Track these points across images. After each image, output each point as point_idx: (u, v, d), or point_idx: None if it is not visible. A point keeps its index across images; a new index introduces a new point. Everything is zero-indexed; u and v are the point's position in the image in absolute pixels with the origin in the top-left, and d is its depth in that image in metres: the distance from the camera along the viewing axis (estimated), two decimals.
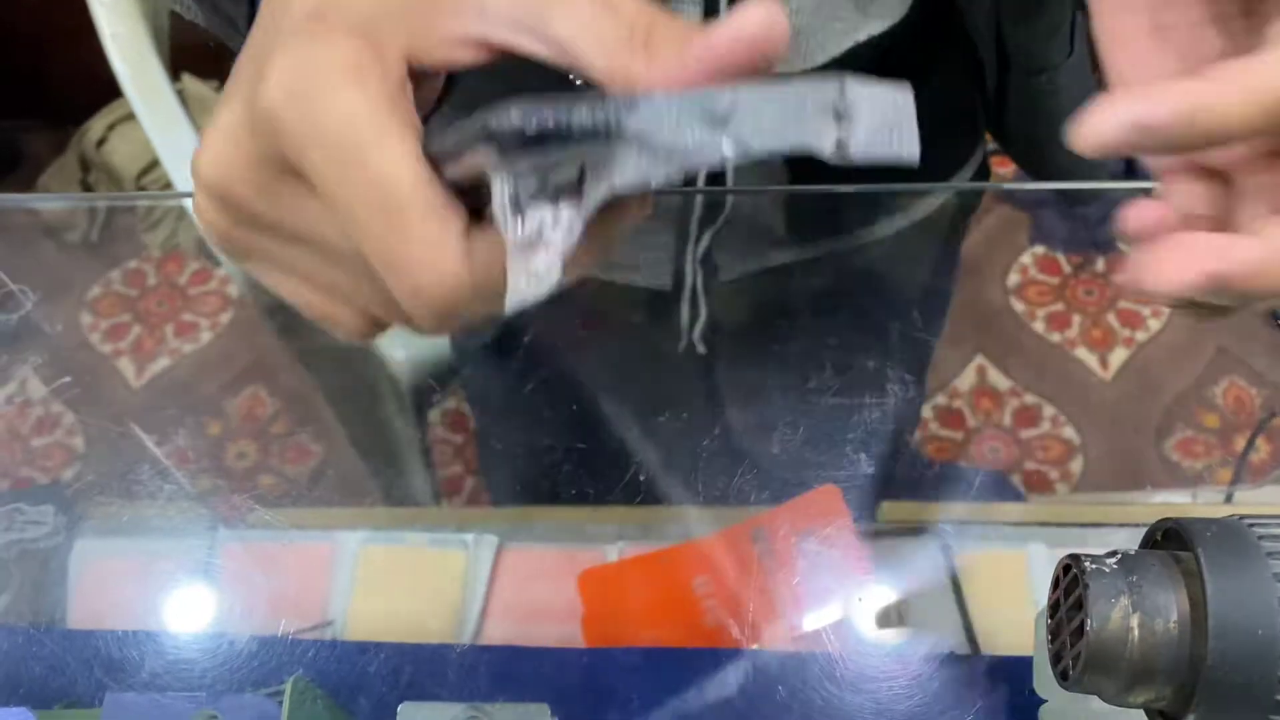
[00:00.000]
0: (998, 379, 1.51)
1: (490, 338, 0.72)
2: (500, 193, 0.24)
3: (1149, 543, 0.29)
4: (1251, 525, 0.26)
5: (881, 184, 0.63)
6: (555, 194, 0.24)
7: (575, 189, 0.24)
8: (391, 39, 0.25)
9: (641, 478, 0.63)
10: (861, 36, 0.53)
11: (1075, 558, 0.27)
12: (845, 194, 0.61)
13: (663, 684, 0.52)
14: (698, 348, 0.69)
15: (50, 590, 0.59)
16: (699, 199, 0.60)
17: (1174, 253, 0.27)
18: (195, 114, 1.06)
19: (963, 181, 0.68)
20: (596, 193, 0.24)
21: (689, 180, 0.59)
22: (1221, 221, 0.30)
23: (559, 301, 0.69)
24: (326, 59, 0.24)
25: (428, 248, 0.24)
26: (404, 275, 0.24)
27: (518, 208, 0.24)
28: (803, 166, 0.59)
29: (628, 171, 0.23)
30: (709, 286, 0.65)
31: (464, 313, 0.25)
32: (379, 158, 0.23)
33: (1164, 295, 0.27)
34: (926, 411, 1.45)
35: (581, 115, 0.22)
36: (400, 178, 0.24)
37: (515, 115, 0.22)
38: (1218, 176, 0.31)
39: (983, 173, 0.70)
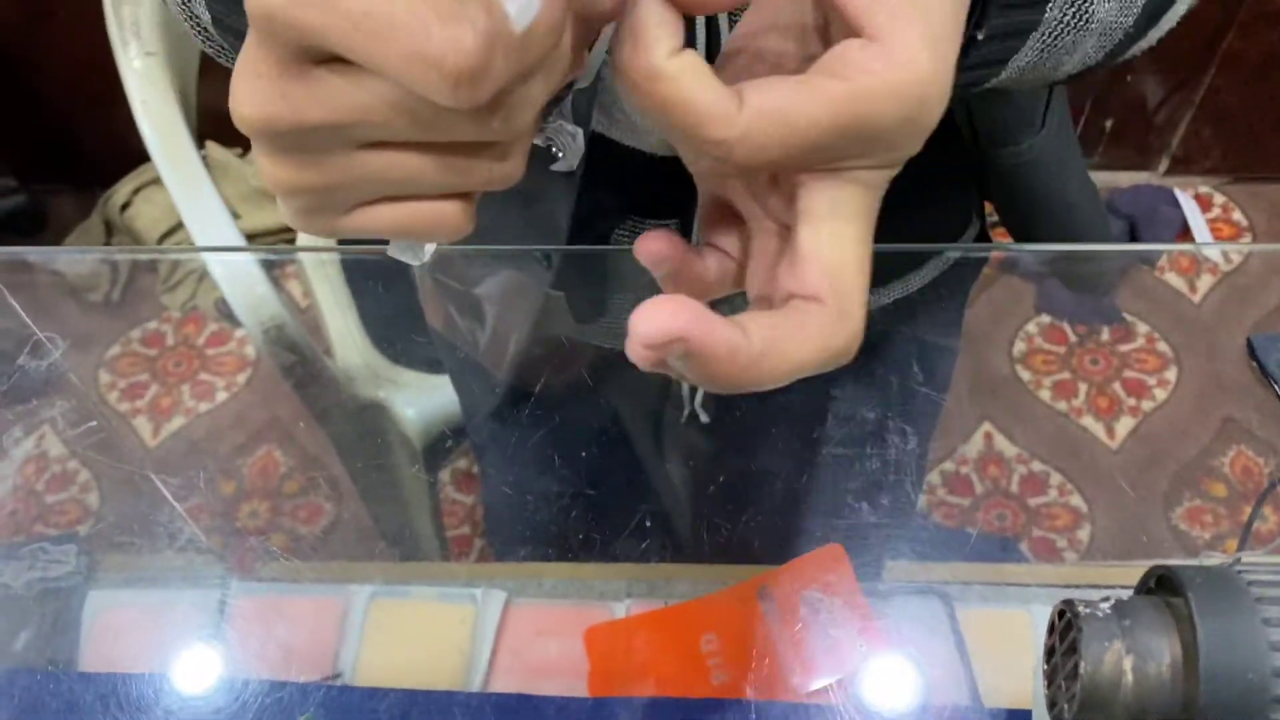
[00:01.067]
0: (1005, 446, 1.51)
1: (499, 401, 0.73)
2: None
3: (1142, 589, 0.30)
4: (1241, 572, 0.27)
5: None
6: None
7: None
8: None
9: (648, 536, 0.63)
10: None
11: (1070, 602, 0.28)
12: None
13: None
14: (700, 416, 0.69)
15: (66, 632, 0.60)
16: None
17: (664, 306, 0.27)
18: (218, 179, 1.09)
19: (958, 253, 0.69)
20: None
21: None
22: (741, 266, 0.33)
23: (566, 367, 0.70)
24: None
25: (435, 21, 0.24)
26: (423, 61, 0.24)
27: None
28: None
29: None
30: None
31: (500, 71, 0.25)
32: None
33: (636, 343, 0.28)
34: (934, 477, 1.45)
35: None
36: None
37: None
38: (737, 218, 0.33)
39: (982, 238, 0.72)
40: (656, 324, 0.27)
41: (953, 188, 0.67)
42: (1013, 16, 0.36)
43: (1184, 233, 1.71)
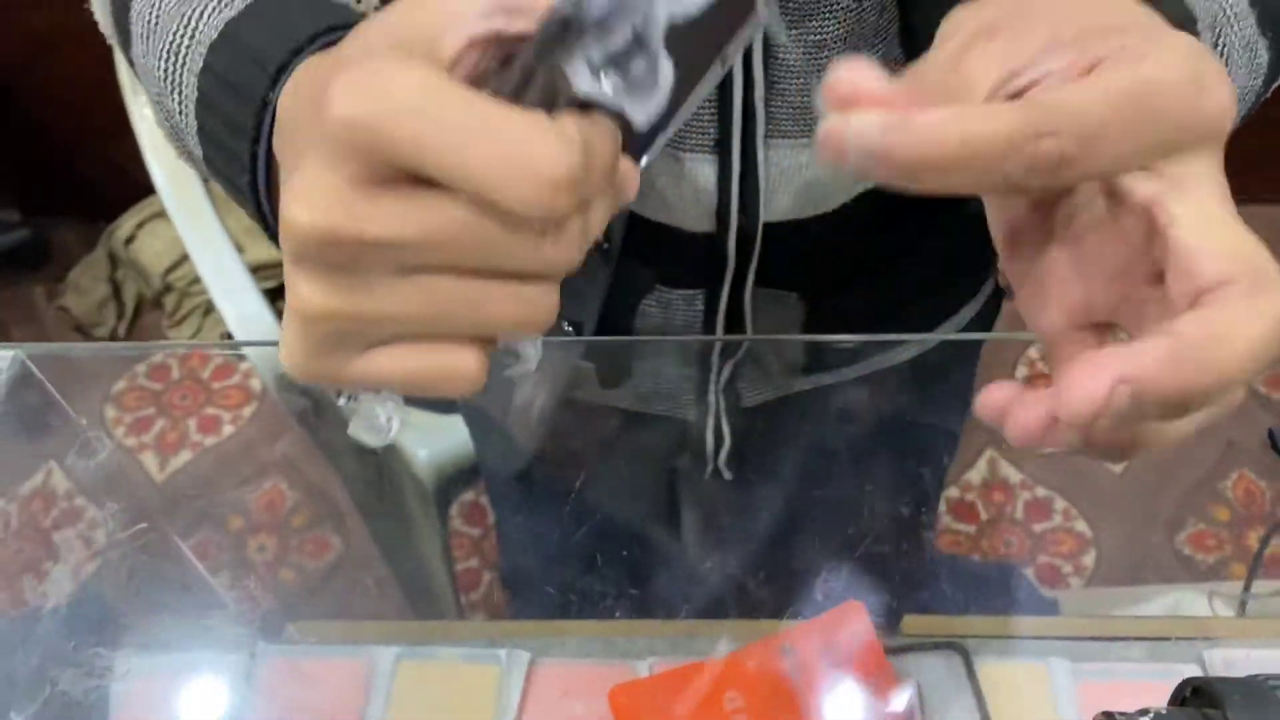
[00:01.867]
0: (1009, 472, 1.52)
1: (521, 461, 0.74)
2: (578, 71, 0.26)
3: (1177, 700, 0.30)
4: (1275, 687, 0.28)
5: (893, 333, 0.65)
6: (618, 58, 0.26)
7: (632, 52, 0.26)
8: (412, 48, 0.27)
9: (670, 594, 0.64)
10: (872, 183, 0.56)
11: (1109, 715, 0.29)
12: (860, 339, 0.64)
13: None
14: (724, 474, 0.70)
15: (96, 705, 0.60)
16: (717, 343, 0.63)
17: (1084, 368, 0.26)
18: (221, 213, 1.10)
19: (974, 310, 0.70)
20: (657, 28, 0.26)
21: (708, 318, 0.62)
22: None
23: (586, 428, 0.71)
24: (378, 64, 0.26)
25: (534, 132, 0.25)
26: (521, 164, 0.25)
27: (596, 72, 0.26)
28: (816, 291, 0.61)
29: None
30: (731, 415, 0.67)
31: (583, 188, 0.26)
32: (459, 96, 0.25)
33: (1075, 418, 0.26)
34: (939, 505, 1.46)
35: None
36: (484, 101, 0.25)
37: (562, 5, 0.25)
38: (1106, 330, 0.31)
39: (996, 297, 0.73)
40: (1091, 382, 0.26)
41: (975, 251, 0.68)
42: None
43: None
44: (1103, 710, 0.30)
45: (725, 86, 0.49)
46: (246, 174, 0.34)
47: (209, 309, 1.69)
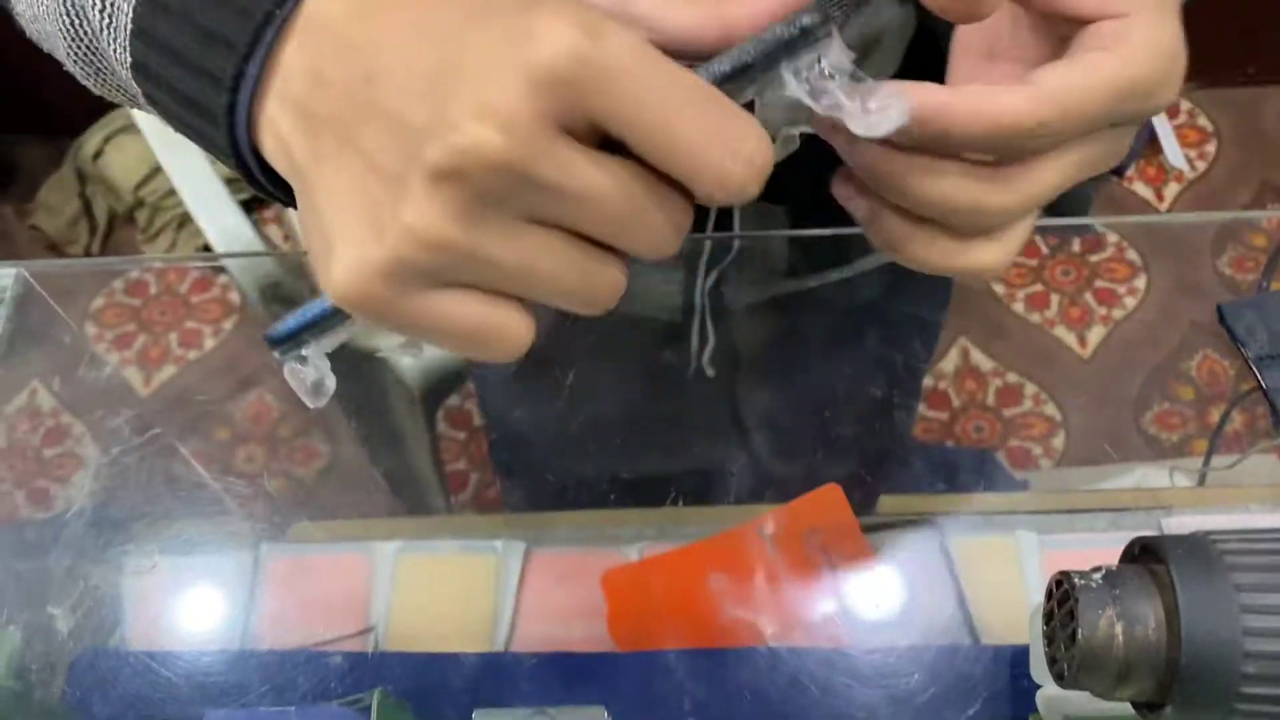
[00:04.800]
0: (980, 360, 1.55)
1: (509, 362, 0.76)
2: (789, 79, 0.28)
3: (1128, 557, 0.33)
4: (1215, 542, 0.31)
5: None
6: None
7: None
8: None
9: (657, 483, 0.66)
10: None
11: (1066, 574, 0.31)
12: (844, 233, 0.65)
13: (692, 682, 0.56)
14: (706, 371, 0.72)
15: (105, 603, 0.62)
16: (707, 243, 0.64)
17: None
18: None
19: None
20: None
21: (698, 227, 0.63)
22: None
23: (575, 326, 0.72)
24: (593, 14, 0.25)
25: (742, 117, 0.26)
26: (731, 141, 0.26)
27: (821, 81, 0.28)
28: (802, 209, 0.63)
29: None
30: (717, 316, 0.69)
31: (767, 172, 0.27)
32: (675, 66, 0.26)
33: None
34: (918, 393, 1.49)
35: None
36: (697, 78, 0.27)
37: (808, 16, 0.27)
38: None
39: None
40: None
41: None
42: None
43: (1151, 140, 1.73)
44: (1059, 570, 0.33)
45: None
46: (225, 94, 0.30)
47: (183, 222, 1.68)
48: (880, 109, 0.27)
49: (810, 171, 0.60)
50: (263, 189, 0.33)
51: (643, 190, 0.27)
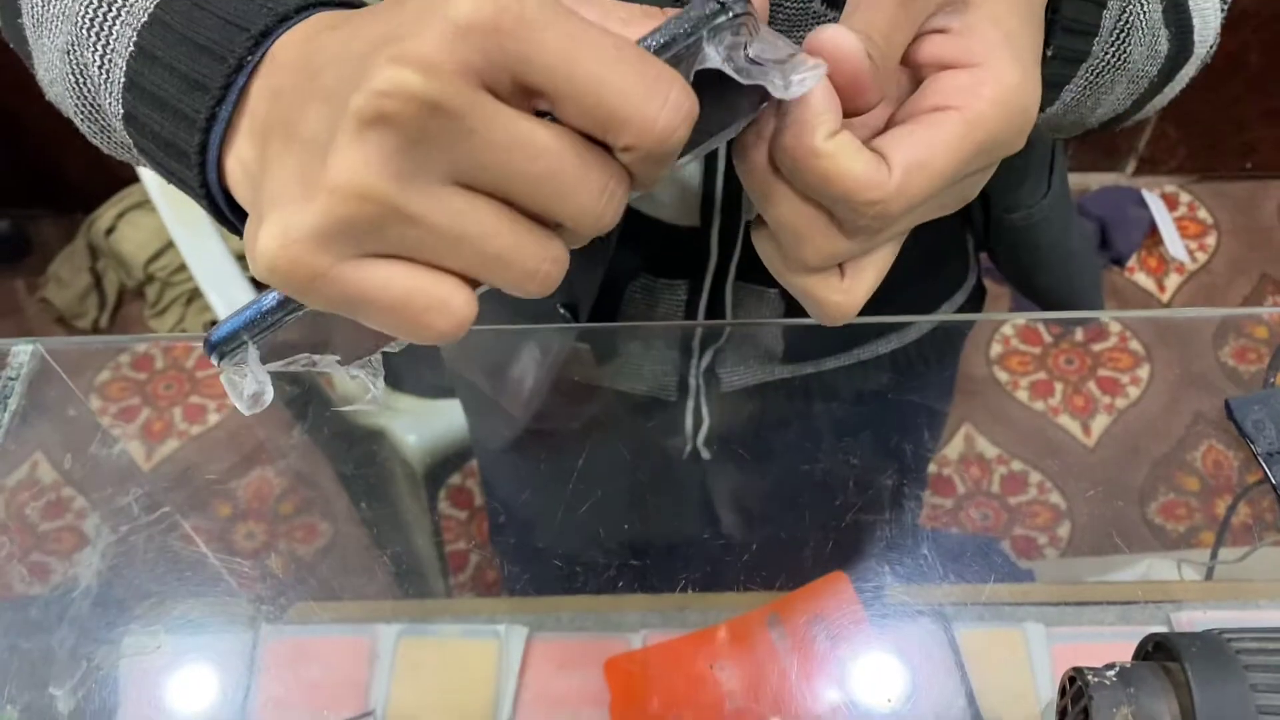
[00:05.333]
0: (985, 447, 1.55)
1: (513, 438, 0.76)
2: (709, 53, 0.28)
3: (1141, 654, 0.33)
4: (1230, 640, 0.31)
5: (877, 316, 0.67)
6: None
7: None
8: None
9: (661, 568, 0.66)
10: None
11: (1079, 671, 0.31)
12: (838, 334, 0.66)
13: None
14: (702, 454, 0.72)
15: (105, 684, 0.62)
16: (698, 329, 0.65)
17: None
18: None
19: (957, 303, 0.73)
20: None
21: (689, 312, 0.64)
22: None
23: (574, 407, 0.72)
24: None
25: (666, 71, 0.27)
26: (654, 86, 0.26)
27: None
28: (799, 308, 0.63)
29: None
30: (711, 397, 0.69)
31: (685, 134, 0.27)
32: (598, 27, 0.26)
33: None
34: (924, 480, 1.48)
35: None
36: (620, 36, 0.27)
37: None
38: None
39: (978, 292, 0.75)
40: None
41: (955, 244, 0.70)
42: (1071, 42, 0.39)
43: (1152, 232, 1.75)
44: (1072, 666, 0.33)
45: None
46: (198, 134, 0.31)
47: (191, 298, 1.69)
48: (799, 81, 0.29)
49: None
50: (235, 229, 0.34)
51: (570, 148, 0.26)
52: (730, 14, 0.28)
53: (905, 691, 0.60)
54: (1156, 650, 0.33)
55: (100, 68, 0.36)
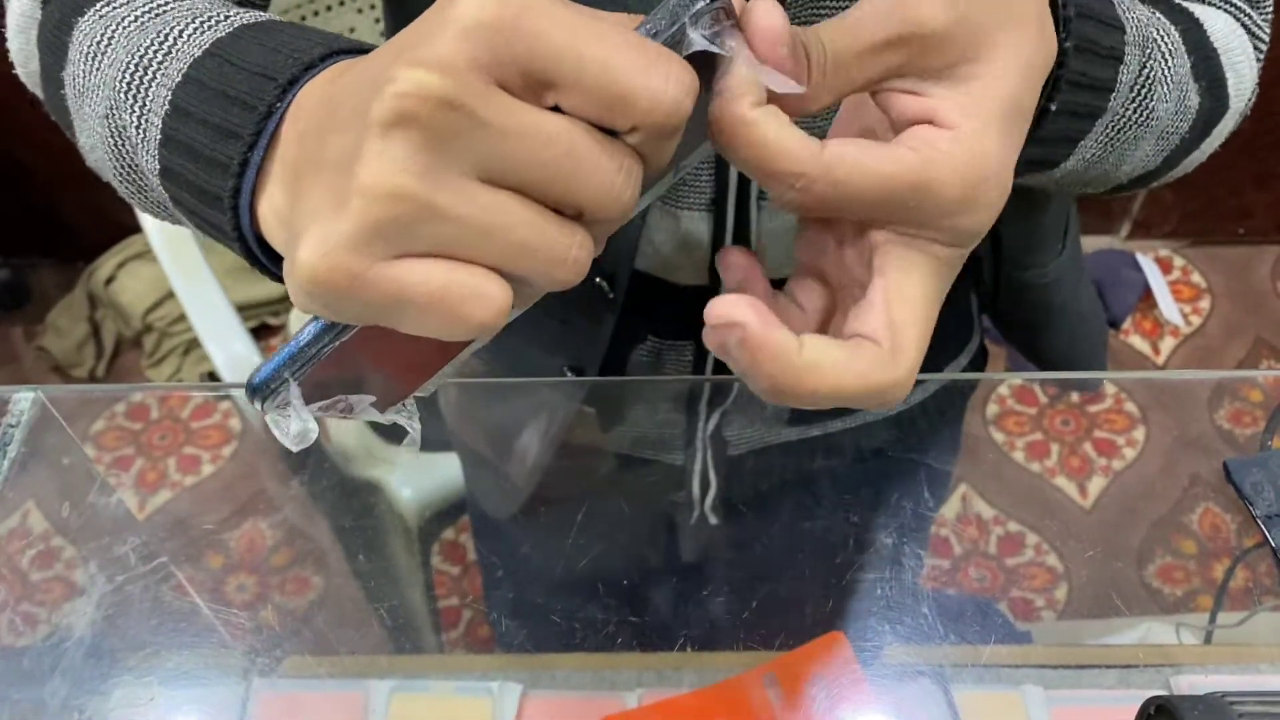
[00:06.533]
0: (982, 507, 1.55)
1: (514, 499, 0.76)
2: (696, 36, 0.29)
3: (1143, 717, 0.33)
4: (1233, 703, 0.31)
5: None
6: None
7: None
8: None
9: (658, 627, 0.66)
10: None
11: None
12: None
13: None
14: (710, 519, 0.72)
15: None
16: (707, 385, 0.65)
17: (736, 299, 0.31)
18: (207, 255, 1.12)
19: (960, 366, 0.73)
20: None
21: (696, 368, 0.64)
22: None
23: (578, 470, 0.72)
24: None
25: (655, 43, 0.28)
26: (656, 62, 0.27)
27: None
28: None
29: None
30: (718, 461, 0.69)
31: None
32: (594, 14, 0.28)
33: (709, 318, 0.31)
34: (924, 541, 1.48)
35: None
36: (608, 15, 0.28)
37: None
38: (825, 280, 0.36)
39: (980, 355, 0.75)
40: (724, 309, 0.30)
41: (961, 305, 0.71)
42: (1081, 97, 0.39)
43: (1146, 294, 1.76)
44: None
45: None
46: (232, 179, 0.33)
47: (188, 349, 1.70)
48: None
49: None
50: (269, 273, 0.35)
51: (582, 132, 0.27)
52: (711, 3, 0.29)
53: None
54: (1158, 714, 0.32)
55: (138, 128, 0.38)
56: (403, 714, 0.64)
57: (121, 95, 0.39)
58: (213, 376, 1.16)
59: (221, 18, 0.38)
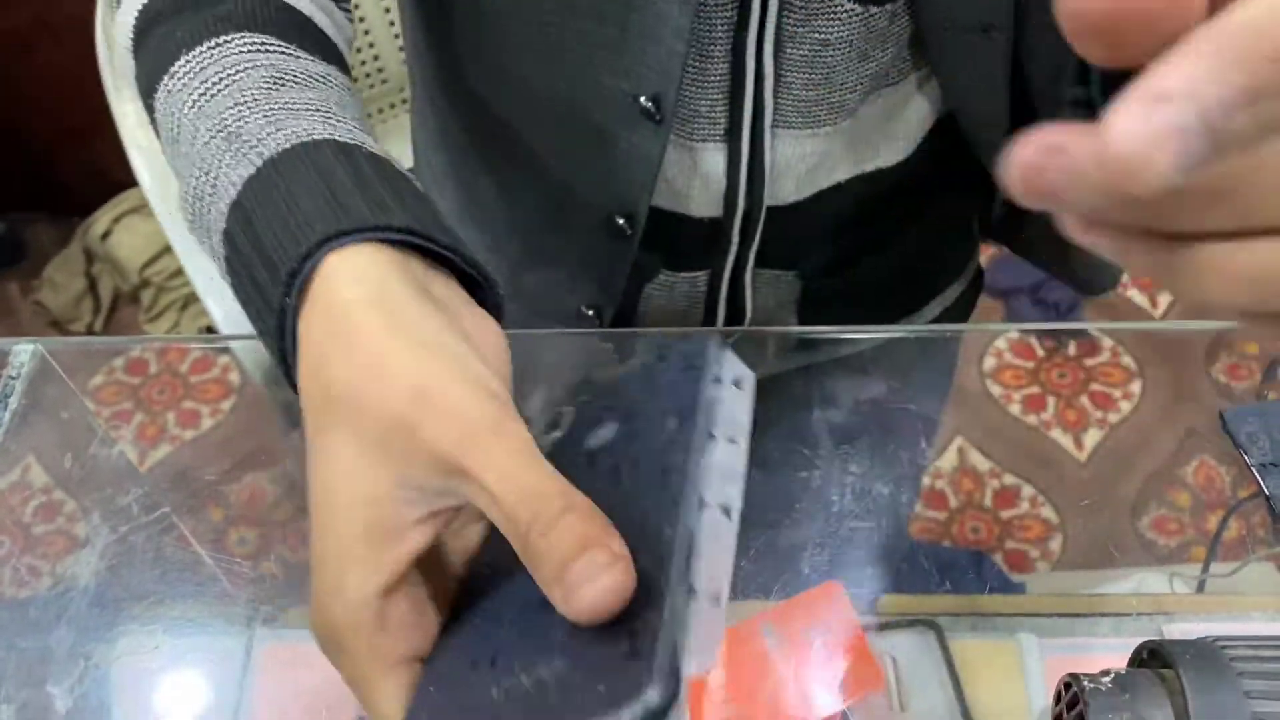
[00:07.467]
0: (978, 460, 1.56)
1: None
2: None
3: (1135, 661, 0.33)
4: (1224, 648, 0.31)
5: (882, 317, 0.68)
6: None
7: None
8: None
9: None
10: (869, 168, 0.59)
11: (1075, 677, 0.31)
12: (852, 311, 0.67)
13: None
14: None
15: (100, 684, 0.62)
16: (716, 335, 0.66)
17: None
18: None
19: (960, 289, 0.73)
20: None
21: (708, 317, 0.64)
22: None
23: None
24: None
25: None
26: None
27: None
28: (813, 271, 0.64)
29: None
30: None
31: None
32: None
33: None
34: (917, 489, 1.49)
35: None
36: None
37: None
38: None
39: (977, 279, 0.76)
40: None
41: (962, 232, 0.71)
42: None
43: None
44: (1068, 672, 0.33)
45: (737, 80, 0.51)
46: (275, 342, 0.34)
47: (186, 303, 1.69)
48: None
49: (818, 236, 0.62)
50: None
51: None
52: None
53: (899, 700, 0.60)
54: (1151, 658, 0.33)
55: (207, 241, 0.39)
56: None
57: (189, 210, 0.39)
58: (211, 331, 1.16)
59: (252, 144, 0.36)
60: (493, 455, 0.28)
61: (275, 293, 0.32)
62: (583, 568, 0.26)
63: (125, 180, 1.69)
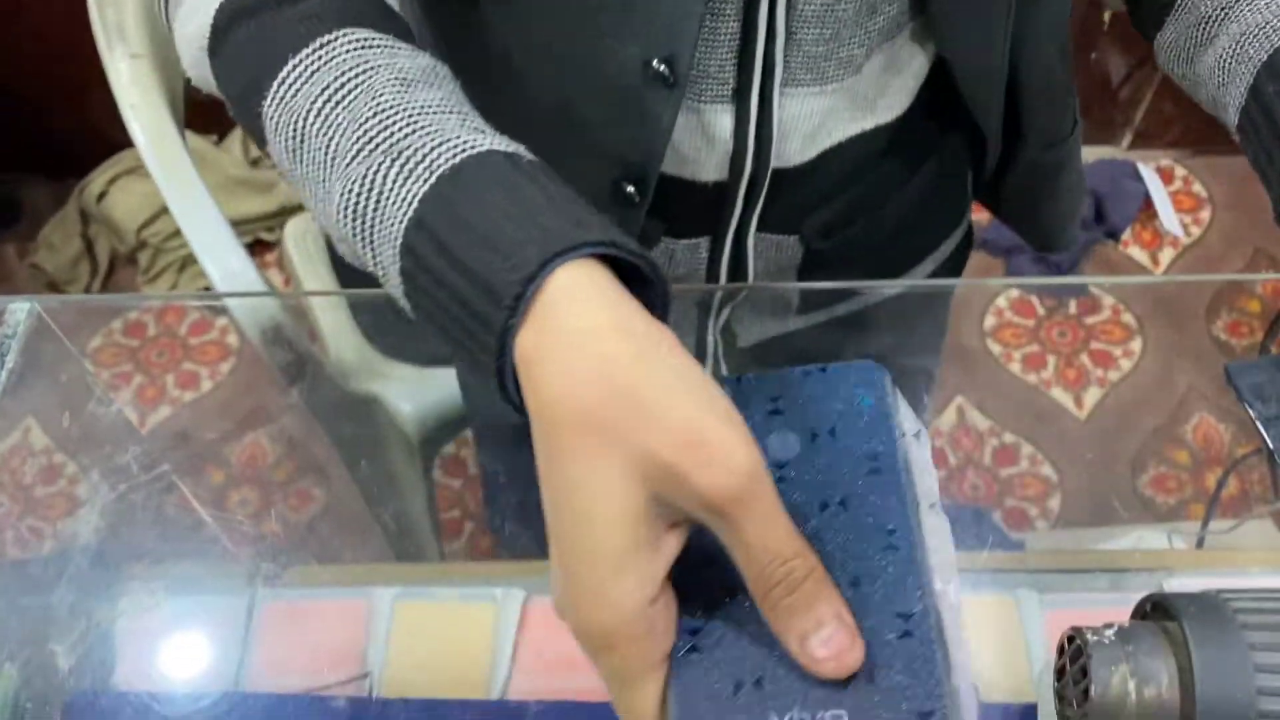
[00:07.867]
0: (977, 418, 1.56)
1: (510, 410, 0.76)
2: None
3: (1139, 614, 0.33)
4: (1227, 600, 0.31)
5: (880, 279, 0.67)
6: None
7: None
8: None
9: None
10: (869, 126, 0.58)
11: (1078, 630, 0.31)
12: (850, 272, 0.66)
13: None
14: None
15: (103, 642, 0.62)
16: (719, 292, 0.65)
17: None
18: (201, 171, 1.10)
19: (954, 244, 0.73)
20: None
21: (711, 274, 0.64)
22: None
23: None
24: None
25: None
26: None
27: None
28: (814, 234, 0.64)
29: None
30: (728, 354, 0.70)
31: None
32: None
33: None
34: None
35: None
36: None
37: None
38: None
39: (968, 236, 0.76)
40: None
41: (955, 190, 0.71)
42: None
43: (1147, 205, 1.75)
44: (1071, 625, 0.33)
45: (748, 38, 0.50)
46: (493, 360, 0.34)
47: (184, 265, 1.69)
48: None
49: (817, 198, 0.62)
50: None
51: None
52: None
53: None
54: (1154, 611, 0.33)
55: (374, 262, 0.38)
56: (407, 621, 0.65)
57: (344, 225, 0.38)
58: (209, 291, 1.15)
59: (418, 159, 0.36)
60: (752, 510, 0.30)
61: (497, 315, 0.33)
62: (817, 646, 0.31)
63: (122, 140, 1.68)
